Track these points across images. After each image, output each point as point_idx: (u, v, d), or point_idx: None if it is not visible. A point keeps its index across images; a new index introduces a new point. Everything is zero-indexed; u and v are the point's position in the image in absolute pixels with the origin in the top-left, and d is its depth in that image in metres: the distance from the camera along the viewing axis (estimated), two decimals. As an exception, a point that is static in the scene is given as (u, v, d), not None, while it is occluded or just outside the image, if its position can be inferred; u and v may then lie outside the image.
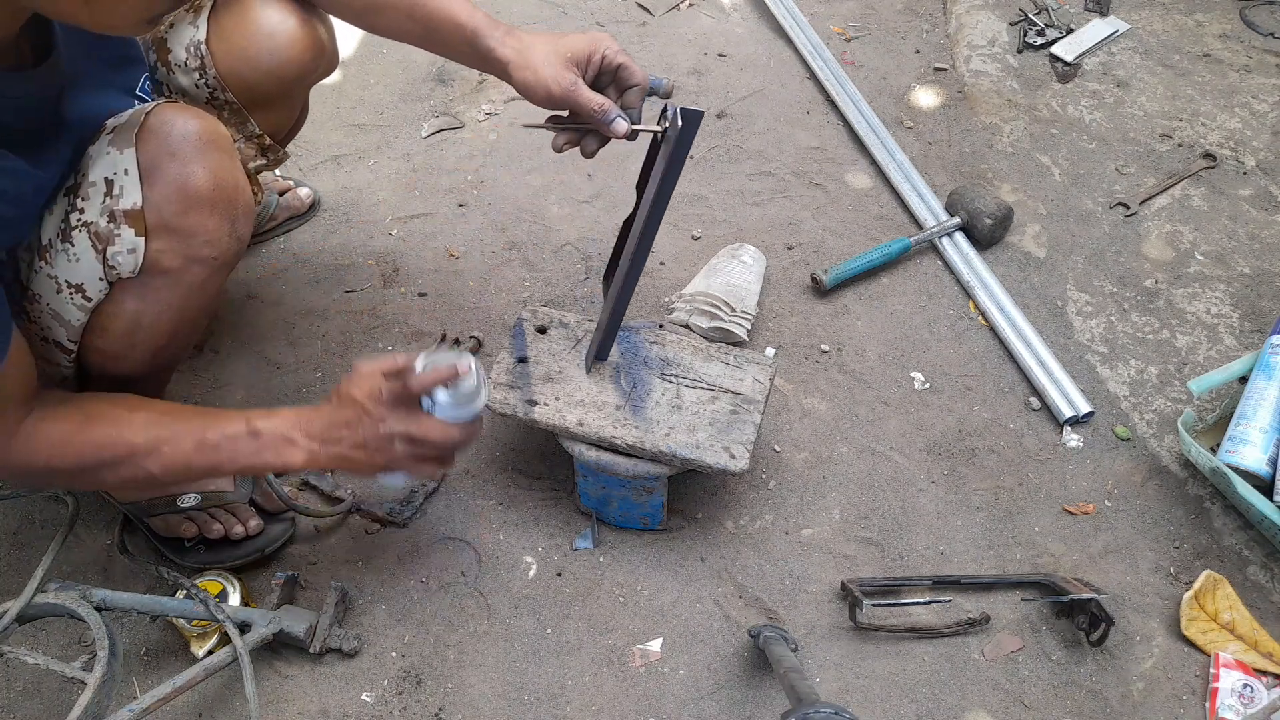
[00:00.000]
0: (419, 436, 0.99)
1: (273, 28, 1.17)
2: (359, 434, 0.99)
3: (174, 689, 1.02)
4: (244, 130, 1.25)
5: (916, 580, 1.25)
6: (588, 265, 1.63)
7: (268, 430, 0.99)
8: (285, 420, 1.00)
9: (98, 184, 0.93)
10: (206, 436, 0.98)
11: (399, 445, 0.99)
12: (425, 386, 0.99)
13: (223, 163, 0.96)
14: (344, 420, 0.99)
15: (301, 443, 0.99)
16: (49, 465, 0.95)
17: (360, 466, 1.01)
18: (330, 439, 1.00)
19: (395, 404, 0.99)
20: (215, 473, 1.01)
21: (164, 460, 0.96)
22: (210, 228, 0.96)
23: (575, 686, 1.17)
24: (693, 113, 0.91)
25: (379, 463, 1.01)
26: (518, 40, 1.06)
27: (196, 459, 0.98)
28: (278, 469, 1.02)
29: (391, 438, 0.99)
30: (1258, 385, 1.30)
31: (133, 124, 0.93)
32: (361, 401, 0.99)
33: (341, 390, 1.01)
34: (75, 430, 0.95)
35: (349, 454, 1.00)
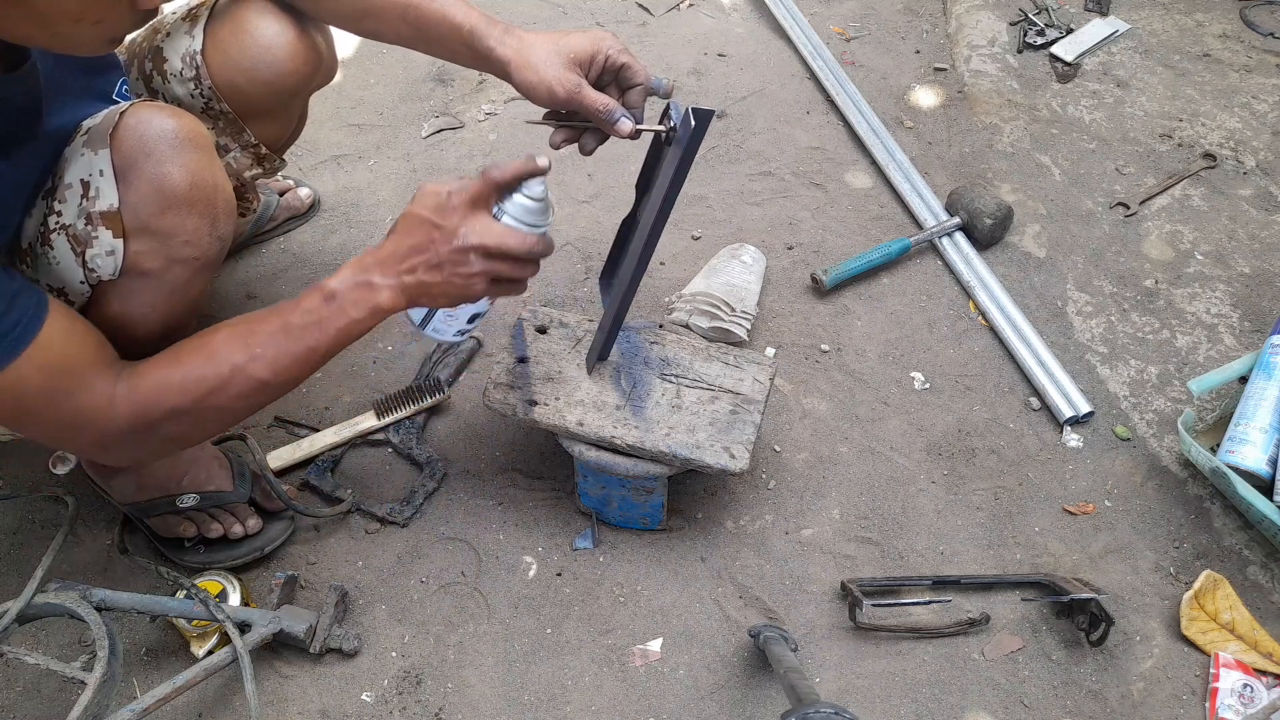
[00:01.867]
0: (496, 247, 0.91)
1: (270, 39, 1.15)
2: (432, 255, 0.91)
3: (174, 689, 1.02)
4: (240, 140, 1.24)
5: (916, 580, 1.25)
6: (588, 265, 1.63)
7: (341, 287, 0.92)
8: (353, 268, 0.93)
9: (74, 186, 0.92)
10: (290, 321, 0.93)
11: (475, 261, 0.91)
12: (505, 178, 0.91)
13: (200, 161, 0.94)
14: (414, 244, 0.91)
15: (379, 281, 0.92)
16: (168, 408, 0.91)
17: (439, 294, 0.93)
18: (406, 267, 0.92)
19: (469, 211, 0.90)
20: (317, 353, 0.94)
21: (267, 361, 0.92)
22: (190, 228, 0.94)
23: (575, 686, 1.17)
24: (704, 112, 0.90)
25: (458, 285, 0.92)
26: (517, 39, 1.05)
27: (294, 347, 0.93)
28: (370, 319, 0.94)
29: (467, 251, 0.90)
30: (1258, 385, 1.30)
31: (107, 124, 0.92)
32: (430, 218, 0.90)
33: (407, 213, 0.93)
34: (169, 370, 0.92)
35: (425, 279, 0.92)
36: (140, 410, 0.90)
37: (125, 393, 0.89)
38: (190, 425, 0.95)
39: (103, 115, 0.95)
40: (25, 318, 0.83)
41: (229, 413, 0.95)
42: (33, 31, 0.77)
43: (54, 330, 0.85)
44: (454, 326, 1.05)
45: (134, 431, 0.91)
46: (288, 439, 1.38)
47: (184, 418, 0.92)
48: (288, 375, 0.94)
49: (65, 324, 0.87)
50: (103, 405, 0.89)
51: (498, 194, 0.92)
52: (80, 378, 0.88)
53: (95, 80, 1.03)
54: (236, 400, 0.93)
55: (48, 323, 0.85)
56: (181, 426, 0.94)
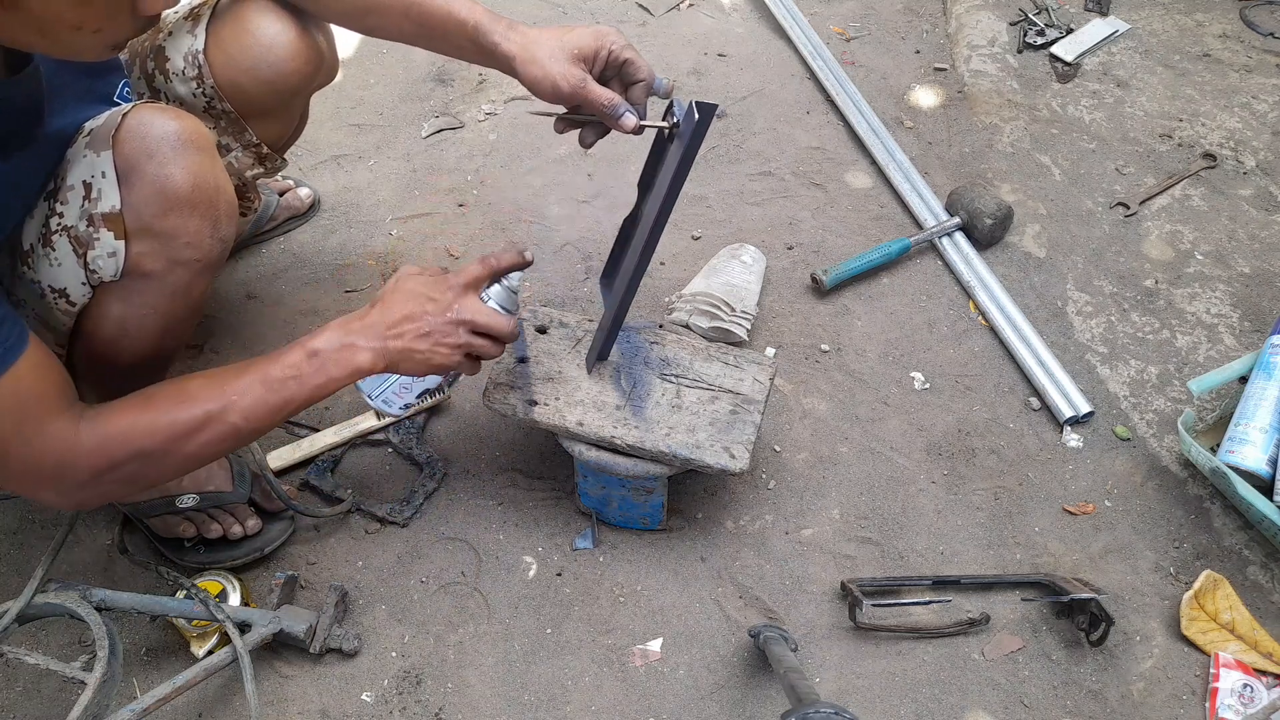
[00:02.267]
0: (484, 325, 0.99)
1: (271, 39, 1.15)
2: (424, 324, 0.97)
3: (174, 689, 1.02)
4: (242, 140, 1.24)
5: (916, 580, 1.25)
6: (588, 265, 1.63)
7: (325, 346, 0.96)
8: (337, 331, 0.98)
9: (76, 188, 0.92)
10: (270, 374, 0.95)
11: (462, 334, 0.99)
12: (501, 268, 1.00)
13: (202, 163, 0.94)
14: (406, 313, 0.98)
15: (362, 344, 0.97)
16: (135, 450, 0.91)
17: (418, 361, 0.99)
18: (393, 334, 0.97)
19: (463, 291, 0.99)
20: (291, 406, 0.97)
21: (242, 409, 0.94)
22: (191, 229, 0.95)
23: (575, 686, 1.17)
24: (707, 106, 0.90)
25: (440, 354, 0.99)
26: (522, 35, 1.05)
27: (271, 398, 0.95)
28: (347, 379, 0.98)
29: (458, 325, 0.98)
30: (1258, 385, 1.30)
31: (109, 126, 0.92)
32: (424, 292, 0.98)
33: (398, 288, 0.99)
34: (140, 412, 0.92)
35: (412, 346, 0.98)
36: (106, 449, 0.90)
37: (92, 431, 0.90)
38: (153, 468, 0.95)
39: (105, 117, 0.95)
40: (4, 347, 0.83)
41: (194, 459, 0.96)
42: (33, 39, 0.77)
43: (29, 364, 0.85)
44: (404, 399, 1.11)
45: (96, 470, 0.91)
46: (288, 439, 1.38)
47: (149, 459, 0.93)
48: (259, 425, 0.96)
49: (40, 359, 0.87)
50: (68, 440, 0.89)
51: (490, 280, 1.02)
52: (48, 410, 0.88)
53: (96, 82, 1.03)
54: (205, 446, 0.95)
55: (24, 355, 0.85)
56: (144, 469, 0.94)
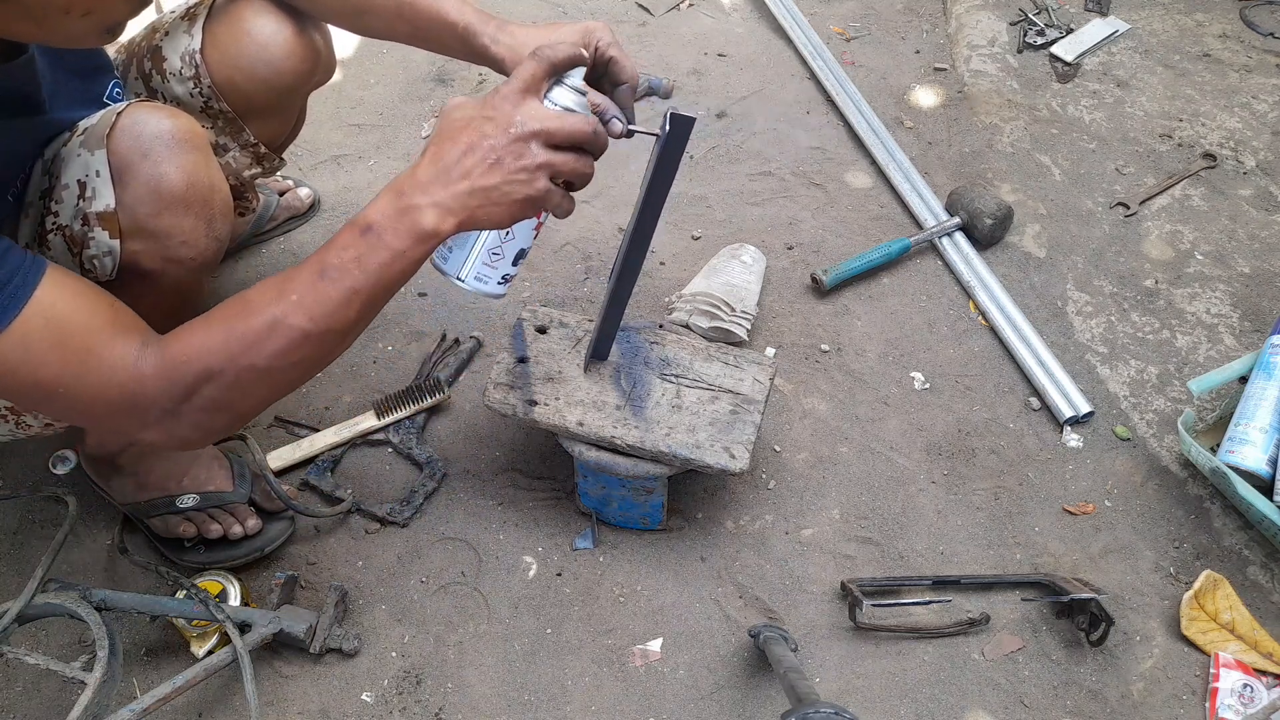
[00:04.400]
0: (559, 130, 0.81)
1: (267, 38, 1.15)
2: (488, 149, 0.79)
3: (174, 689, 1.02)
4: (239, 139, 1.24)
5: (916, 580, 1.25)
6: (588, 265, 1.63)
7: (379, 216, 0.81)
8: (389, 194, 0.82)
9: (70, 187, 0.91)
10: (327, 261, 0.82)
11: (538, 150, 0.80)
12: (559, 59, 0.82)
13: (197, 162, 0.94)
14: (464, 146, 0.80)
15: (423, 200, 0.80)
16: (201, 369, 0.82)
17: (498, 202, 0.81)
18: (454, 177, 0.80)
19: (521, 98, 0.81)
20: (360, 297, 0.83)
21: (305, 308, 0.81)
22: (186, 228, 0.94)
23: (575, 686, 1.17)
24: (683, 117, 0.86)
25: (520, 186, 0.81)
26: (511, 36, 1.05)
27: (331, 290, 0.82)
28: (414, 249, 0.82)
29: (528, 139, 0.80)
30: (1258, 385, 1.30)
31: (104, 125, 0.92)
32: (476, 113, 0.81)
33: (443, 125, 0.83)
34: (201, 329, 0.83)
35: (483, 184, 0.80)
36: (171, 374, 0.82)
37: (153, 356, 0.82)
38: (230, 390, 0.84)
39: (99, 116, 0.95)
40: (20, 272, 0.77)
41: (272, 374, 0.85)
42: (25, 27, 0.76)
43: (55, 289, 0.79)
44: (499, 270, 0.91)
45: (169, 399, 0.83)
46: (288, 439, 1.38)
47: (221, 381, 0.83)
48: (329, 324, 0.83)
49: (69, 283, 0.81)
50: (127, 369, 0.81)
51: (550, 80, 0.84)
52: (96, 339, 0.80)
53: (87, 84, 1.03)
54: (277, 358, 0.83)
55: (46, 280, 0.79)
56: (221, 391, 0.83)
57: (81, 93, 1.01)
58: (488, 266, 0.90)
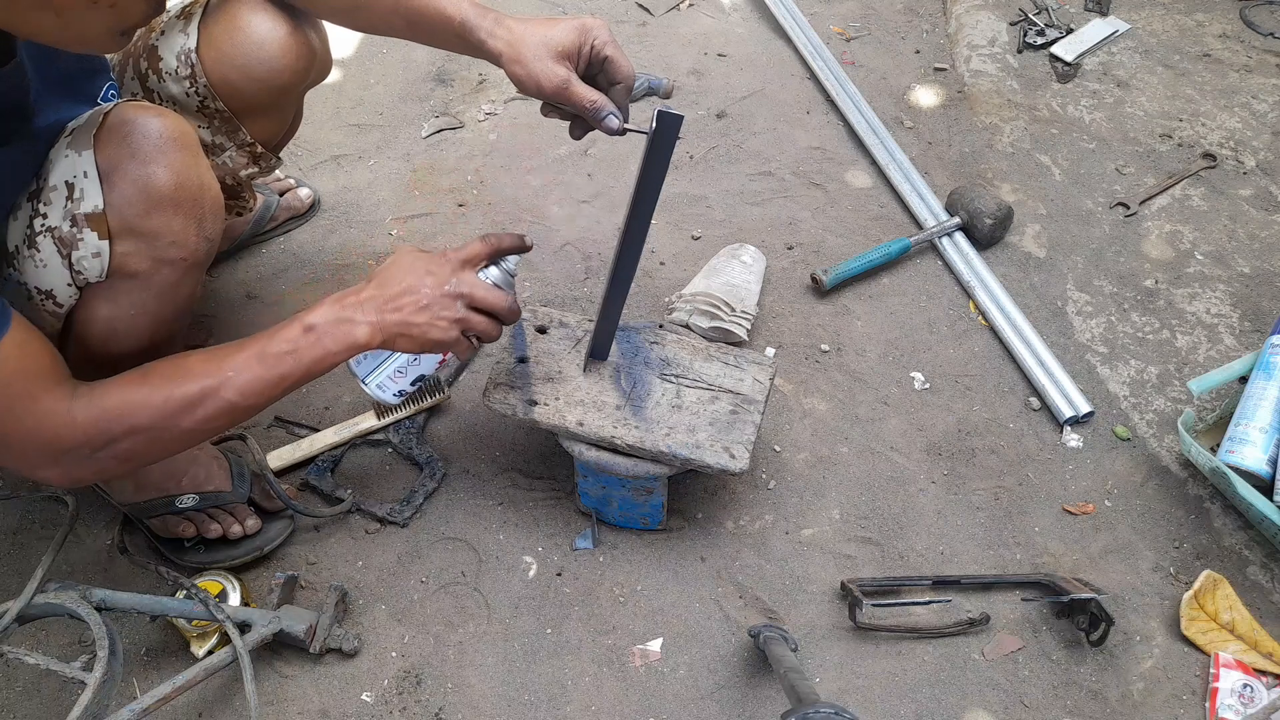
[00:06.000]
0: (483, 299, 0.99)
1: (263, 36, 1.15)
2: (422, 297, 0.97)
3: (174, 689, 1.02)
4: (235, 139, 1.23)
5: (916, 580, 1.25)
6: (588, 265, 1.63)
7: (321, 320, 0.95)
8: (334, 306, 0.97)
9: (59, 188, 0.91)
10: (266, 350, 0.94)
11: (460, 309, 0.98)
12: (502, 247, 1.02)
13: (186, 161, 0.93)
14: (405, 287, 0.97)
15: (359, 318, 0.96)
16: (130, 425, 0.90)
17: (416, 336, 0.98)
18: (391, 307, 0.97)
19: (460, 266, 1.00)
20: (287, 382, 0.96)
21: (238, 385, 0.93)
22: (176, 229, 0.94)
23: (575, 686, 1.17)
24: (671, 115, 0.88)
25: (438, 329, 0.98)
26: (508, 31, 1.05)
27: (267, 374, 0.94)
28: (343, 354, 0.97)
29: (456, 298, 0.98)
30: (1258, 385, 1.30)
31: (91, 125, 0.91)
32: (422, 266, 0.98)
33: (391, 265, 0.99)
34: (136, 387, 0.91)
35: (409, 320, 0.97)
36: (102, 425, 0.89)
37: (86, 406, 0.89)
38: (148, 444, 0.94)
39: (87, 116, 0.95)
40: None
41: (191, 435, 0.95)
42: (44, 20, 0.76)
43: (13, 342, 0.84)
44: (398, 385, 1.09)
45: (91, 446, 0.90)
46: (288, 439, 1.38)
47: (145, 435, 0.92)
48: (255, 401, 0.95)
49: (24, 336, 0.86)
50: (61, 417, 0.88)
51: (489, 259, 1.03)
52: (39, 387, 0.87)
53: (82, 84, 1.02)
54: (202, 423, 0.94)
55: (9, 334, 0.83)
56: (141, 445, 0.93)
57: (75, 95, 1.00)
58: (390, 380, 1.09)
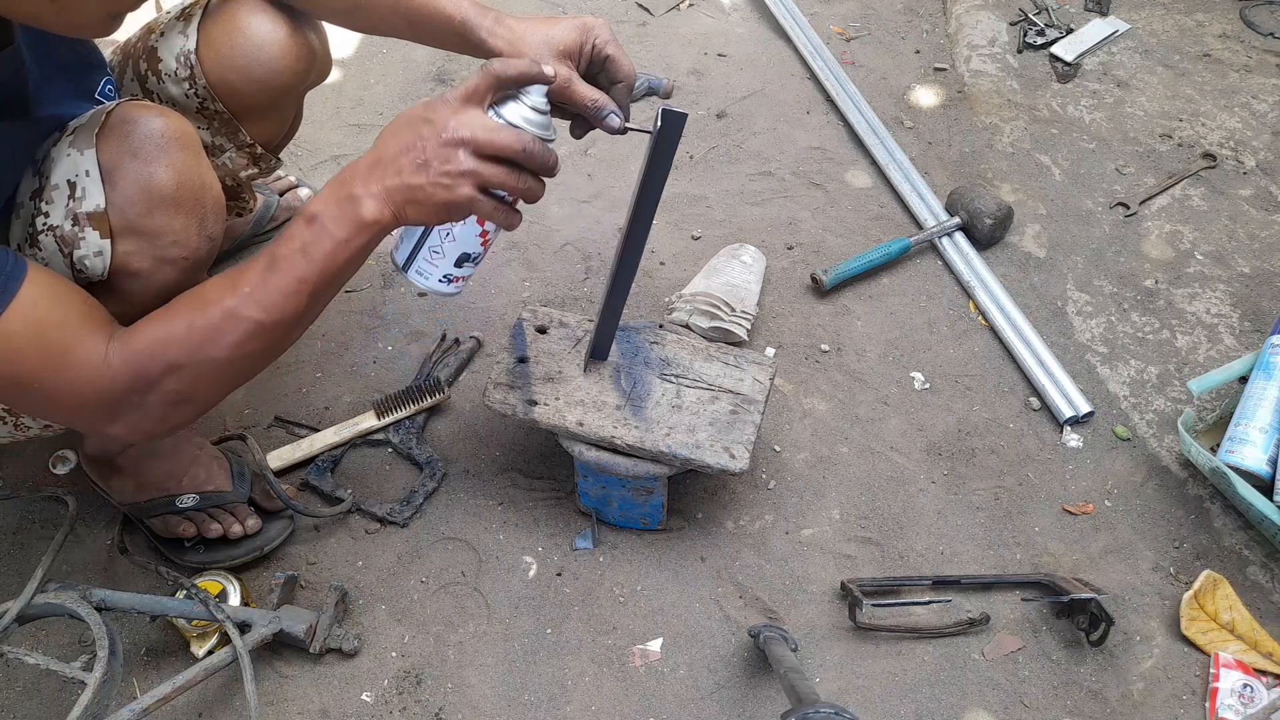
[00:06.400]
0: (487, 142, 0.82)
1: (262, 37, 1.14)
2: (419, 150, 0.83)
3: (174, 689, 1.02)
4: (235, 140, 1.23)
5: (916, 580, 1.25)
6: (588, 265, 1.63)
7: (322, 208, 0.86)
8: (332, 186, 0.87)
9: (60, 186, 0.91)
10: (275, 253, 0.86)
11: (464, 158, 0.82)
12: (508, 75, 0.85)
13: (187, 160, 0.93)
14: (401, 143, 0.84)
15: (360, 191, 0.84)
16: (165, 363, 0.86)
17: (425, 200, 0.84)
18: (390, 171, 0.84)
19: (461, 105, 0.84)
20: (307, 285, 0.87)
21: (257, 299, 0.86)
22: (177, 228, 0.94)
23: (575, 686, 1.17)
24: (675, 114, 0.87)
25: (444, 188, 0.83)
26: (509, 30, 1.05)
27: (281, 280, 0.86)
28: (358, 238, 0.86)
29: (456, 145, 0.82)
30: (1258, 385, 1.30)
31: (93, 124, 0.91)
32: (418, 114, 0.84)
33: (389, 126, 0.87)
34: (163, 323, 0.87)
35: (410, 182, 0.83)
36: (137, 367, 0.85)
37: (119, 350, 0.85)
38: (192, 382, 0.88)
39: (89, 115, 0.94)
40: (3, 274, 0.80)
41: (231, 365, 0.88)
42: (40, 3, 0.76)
43: (36, 288, 0.82)
44: (440, 269, 0.95)
45: (135, 392, 0.86)
46: (288, 439, 1.38)
47: (184, 372, 0.87)
48: (281, 314, 0.87)
49: (48, 282, 0.84)
50: (97, 364, 0.84)
51: (496, 93, 0.86)
52: (71, 336, 0.84)
53: (80, 79, 1.02)
54: (234, 349, 0.87)
55: (28, 280, 0.81)
56: (183, 383, 0.87)
57: (72, 89, 1.00)
58: (428, 263, 0.94)
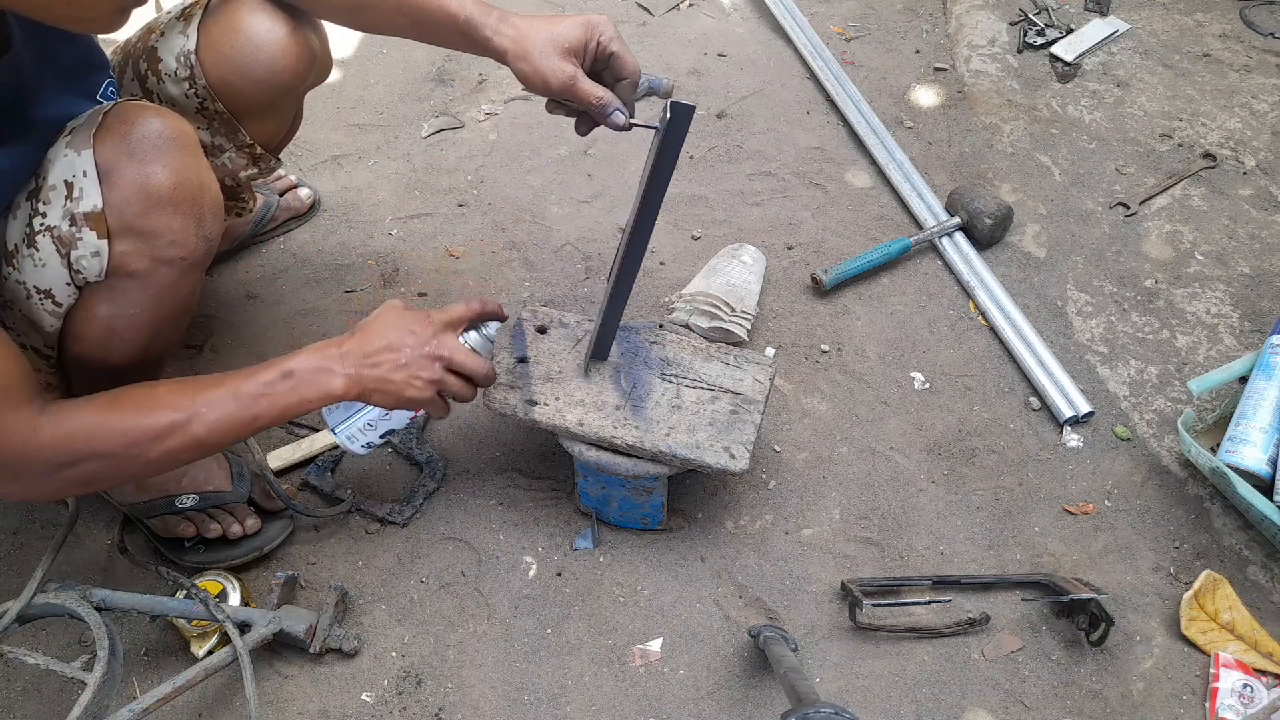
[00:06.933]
0: (460, 364, 1.02)
1: (262, 38, 1.14)
2: (402, 356, 1.00)
3: (174, 689, 1.02)
4: (235, 140, 1.23)
5: (916, 580, 1.25)
6: (588, 265, 1.63)
7: (301, 368, 0.98)
8: (314, 355, 0.99)
9: (58, 187, 0.91)
10: (242, 389, 0.96)
11: (438, 370, 1.01)
12: (485, 311, 1.06)
13: (185, 161, 0.94)
14: (387, 343, 1.00)
15: (338, 369, 0.99)
16: (94, 450, 0.91)
17: (391, 392, 1.01)
18: (370, 362, 0.99)
19: (443, 329, 1.03)
20: (259, 423, 0.97)
21: (208, 422, 0.94)
22: (175, 228, 0.94)
23: (575, 686, 1.17)
24: (683, 107, 0.88)
25: (414, 388, 1.01)
26: (513, 28, 1.05)
27: (239, 413, 0.95)
28: (318, 402, 1.00)
29: (435, 359, 1.01)
30: (1258, 385, 1.30)
31: (91, 124, 0.91)
32: (406, 325, 1.01)
33: (374, 321, 1.03)
34: (106, 411, 0.91)
35: (387, 376, 0.99)
36: (65, 446, 0.89)
37: (51, 424, 0.88)
38: (111, 470, 0.94)
39: (86, 115, 0.94)
40: None
41: (155, 465, 0.95)
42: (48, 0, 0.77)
43: None
44: (367, 437, 1.12)
45: (52, 465, 0.90)
46: (288, 439, 1.38)
47: (108, 461, 0.92)
48: (223, 439, 0.96)
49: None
50: (24, 435, 0.87)
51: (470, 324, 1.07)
52: (5, 403, 0.86)
53: (79, 82, 1.02)
54: (167, 455, 0.94)
55: None
56: (104, 469, 0.93)
57: (74, 91, 1.00)
58: (360, 432, 1.11)
